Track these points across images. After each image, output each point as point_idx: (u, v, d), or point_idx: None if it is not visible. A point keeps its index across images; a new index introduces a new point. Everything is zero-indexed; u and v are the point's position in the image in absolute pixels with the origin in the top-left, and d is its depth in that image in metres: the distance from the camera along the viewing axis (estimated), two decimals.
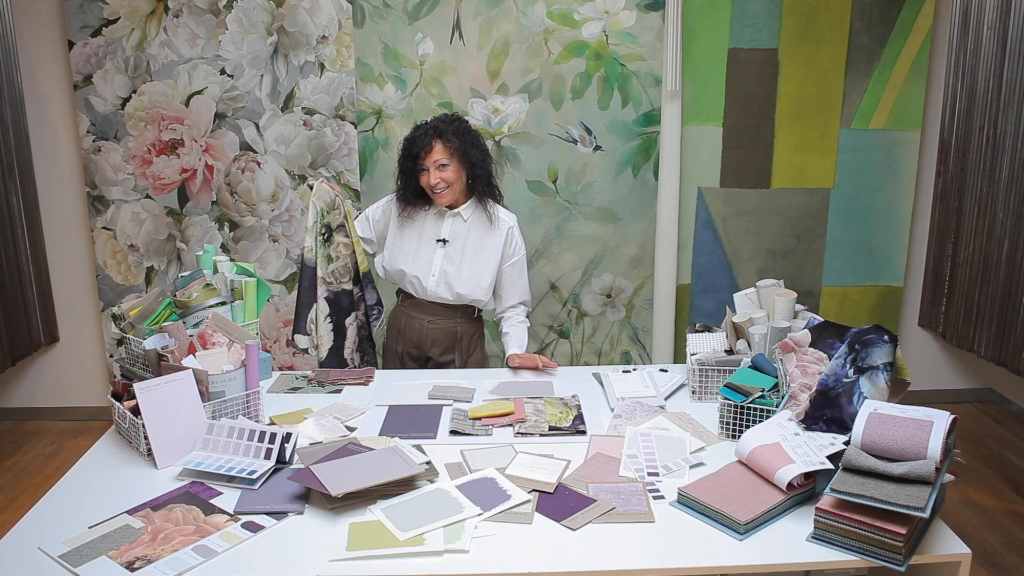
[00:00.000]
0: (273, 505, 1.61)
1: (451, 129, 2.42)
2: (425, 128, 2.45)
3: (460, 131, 2.43)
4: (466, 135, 2.44)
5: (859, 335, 1.77)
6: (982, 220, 3.35)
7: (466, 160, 2.43)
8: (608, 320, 3.72)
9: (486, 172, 2.49)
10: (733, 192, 3.59)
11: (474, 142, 2.46)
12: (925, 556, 1.45)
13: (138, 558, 1.44)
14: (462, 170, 2.44)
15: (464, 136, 2.43)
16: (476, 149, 2.46)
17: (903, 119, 3.56)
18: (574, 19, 3.40)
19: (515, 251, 2.55)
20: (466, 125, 2.47)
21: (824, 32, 3.44)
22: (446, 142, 2.40)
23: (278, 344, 3.67)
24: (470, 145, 2.44)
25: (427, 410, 2.11)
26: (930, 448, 1.46)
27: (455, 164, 2.42)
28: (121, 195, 3.51)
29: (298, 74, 3.41)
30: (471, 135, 2.46)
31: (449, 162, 2.41)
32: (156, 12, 3.34)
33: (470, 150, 2.43)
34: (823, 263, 3.69)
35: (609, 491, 1.67)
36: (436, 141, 2.40)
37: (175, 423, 1.81)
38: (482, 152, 2.48)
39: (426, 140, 2.41)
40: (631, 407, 2.08)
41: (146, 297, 2.16)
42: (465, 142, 2.43)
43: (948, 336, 3.68)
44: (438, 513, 1.57)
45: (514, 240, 2.54)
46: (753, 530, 1.52)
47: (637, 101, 3.49)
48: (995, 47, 3.21)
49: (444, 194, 2.44)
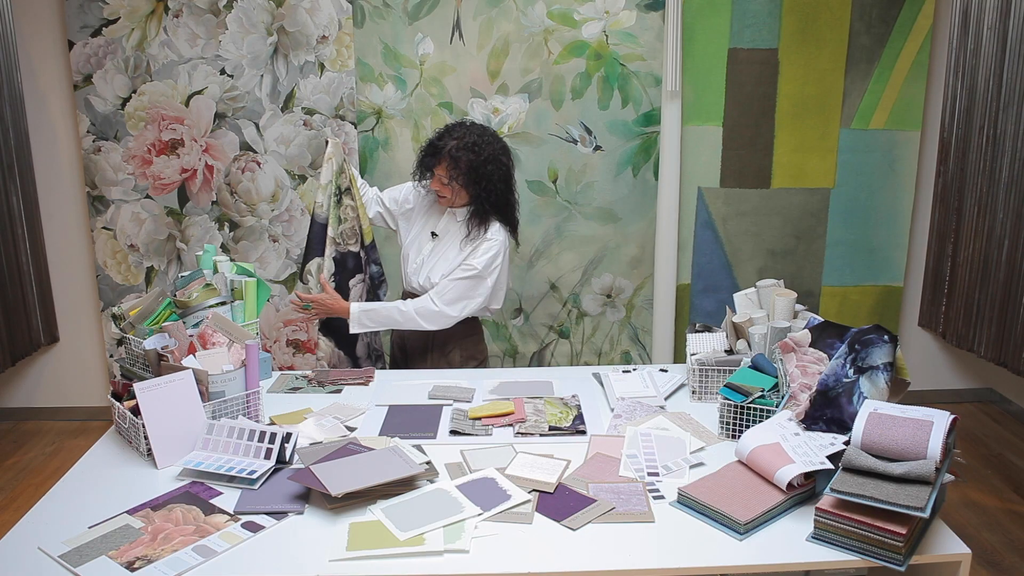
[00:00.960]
0: (273, 505, 1.61)
1: (464, 156, 2.37)
2: (442, 142, 2.41)
3: (474, 163, 2.37)
4: (478, 168, 2.37)
5: (859, 335, 1.77)
6: (982, 220, 3.35)
7: (469, 186, 2.41)
8: (608, 320, 3.72)
9: (493, 196, 2.42)
10: (733, 192, 3.59)
11: (483, 173, 2.38)
12: (925, 556, 1.45)
13: (138, 558, 1.44)
14: (464, 192, 2.43)
15: (474, 167, 2.37)
16: (484, 179, 2.39)
17: (903, 119, 3.56)
18: (574, 19, 3.40)
19: (473, 257, 2.43)
20: (483, 155, 2.38)
21: (824, 32, 3.44)
22: (450, 167, 2.39)
23: (278, 344, 3.67)
24: (478, 174, 2.38)
25: (427, 410, 2.11)
26: (930, 448, 1.46)
27: (455, 186, 2.41)
28: (121, 195, 3.51)
29: (298, 74, 3.41)
30: (483, 165, 2.38)
31: (449, 183, 2.41)
32: (156, 12, 3.34)
33: (476, 178, 2.39)
34: (823, 263, 3.69)
35: (609, 491, 1.67)
36: (444, 160, 2.40)
37: (175, 423, 1.81)
38: (491, 180, 2.40)
39: (436, 157, 2.42)
40: (631, 407, 2.08)
41: (146, 297, 2.16)
42: (473, 171, 2.38)
43: (948, 336, 3.68)
44: (438, 513, 1.57)
45: (480, 252, 2.43)
46: (753, 530, 1.52)
47: (637, 101, 3.49)
48: (995, 47, 3.21)
49: (443, 201, 2.49)
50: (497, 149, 2.43)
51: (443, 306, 2.43)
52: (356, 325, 2.48)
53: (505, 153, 2.46)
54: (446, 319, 2.45)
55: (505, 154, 2.46)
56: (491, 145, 2.42)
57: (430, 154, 2.44)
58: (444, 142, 2.41)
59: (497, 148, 2.43)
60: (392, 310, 2.46)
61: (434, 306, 2.43)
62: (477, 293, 2.45)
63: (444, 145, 2.40)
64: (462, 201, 2.46)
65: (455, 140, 2.40)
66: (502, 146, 2.46)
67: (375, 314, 2.48)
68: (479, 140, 2.40)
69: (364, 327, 2.48)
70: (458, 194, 2.44)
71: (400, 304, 2.47)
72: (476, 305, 2.47)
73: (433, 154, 2.43)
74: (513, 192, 2.51)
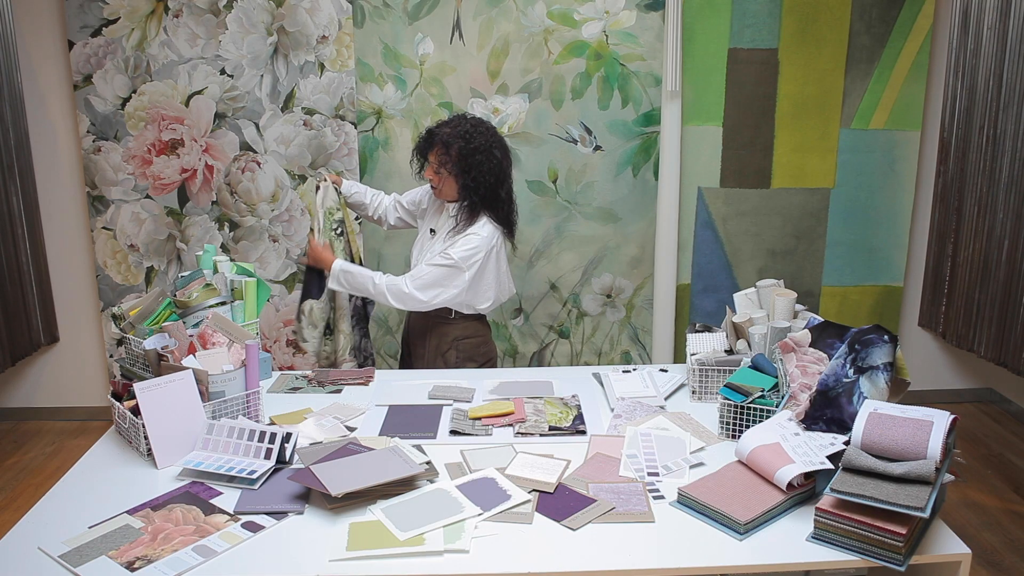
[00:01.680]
0: (273, 505, 1.61)
1: (455, 143, 2.39)
2: (437, 130, 2.45)
3: (464, 150, 2.38)
4: (467, 156, 2.38)
5: (859, 335, 1.77)
6: (982, 220, 3.35)
7: (458, 175, 2.42)
8: (608, 320, 3.72)
9: (482, 189, 2.42)
10: (733, 192, 3.58)
11: (473, 163, 2.39)
12: (925, 556, 1.45)
13: (138, 558, 1.44)
14: (453, 181, 2.45)
15: (463, 155, 2.39)
16: (474, 168, 2.39)
17: (903, 119, 3.56)
18: (574, 19, 3.40)
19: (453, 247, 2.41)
20: (473, 144, 2.39)
21: (824, 32, 3.44)
22: (440, 153, 2.43)
23: (278, 344, 3.67)
24: (467, 163, 2.39)
25: (427, 410, 2.11)
26: (930, 448, 1.46)
27: (445, 174, 2.44)
28: (121, 195, 3.50)
29: (298, 74, 3.41)
30: (473, 154, 2.39)
31: (439, 170, 2.45)
32: (156, 12, 3.34)
33: (465, 167, 2.40)
34: (823, 263, 3.69)
35: (609, 491, 1.67)
36: (436, 146, 2.44)
37: (175, 423, 1.81)
38: (480, 170, 2.40)
39: (430, 142, 2.46)
40: (631, 407, 2.08)
41: (146, 297, 2.16)
42: (462, 159, 2.39)
43: (948, 336, 3.68)
44: (438, 513, 1.57)
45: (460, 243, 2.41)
46: (753, 530, 1.52)
47: (637, 101, 3.49)
48: (995, 47, 3.21)
49: (438, 193, 2.53)
50: (491, 141, 2.43)
51: (413, 289, 2.42)
52: (333, 281, 2.54)
53: (499, 147, 2.45)
54: (416, 303, 2.43)
55: (499, 148, 2.45)
56: (484, 136, 2.42)
57: (426, 140, 2.48)
58: (439, 129, 2.46)
59: (491, 140, 2.43)
60: (367, 279, 2.49)
61: (405, 287, 2.42)
62: (452, 284, 2.42)
63: (438, 132, 2.45)
64: (452, 192, 2.48)
65: (449, 128, 2.44)
66: (497, 140, 2.46)
67: (352, 277, 2.52)
68: (472, 130, 2.42)
69: (340, 285, 2.54)
70: (447, 183, 2.46)
71: (376, 275, 2.49)
72: (450, 296, 2.43)
73: (428, 140, 2.47)
74: (504, 188, 2.48)
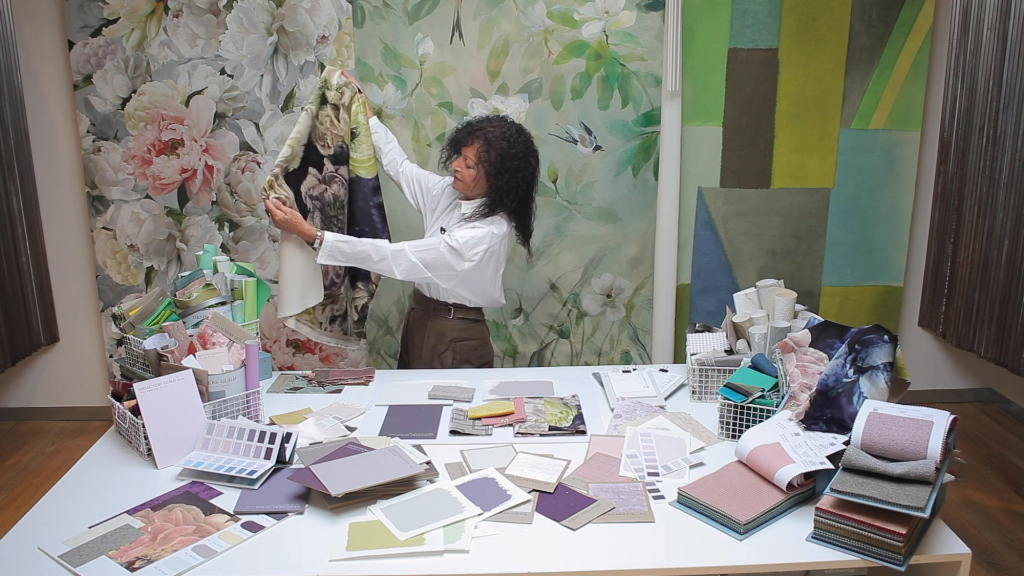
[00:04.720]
0: (273, 505, 1.61)
1: (498, 144, 2.39)
2: (481, 125, 2.44)
3: (506, 153, 2.39)
4: (507, 160, 2.39)
5: (859, 335, 1.77)
6: (982, 220, 3.35)
7: (492, 176, 2.41)
8: (608, 320, 3.72)
9: (512, 194, 2.42)
10: (733, 192, 3.58)
11: (509, 167, 2.39)
12: (925, 556, 1.46)
13: (138, 558, 1.44)
14: (484, 180, 2.44)
15: (504, 158, 2.39)
16: (509, 173, 2.40)
17: (903, 119, 3.56)
18: (574, 19, 3.40)
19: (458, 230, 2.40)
20: (515, 149, 2.40)
21: (824, 32, 3.44)
22: (481, 150, 2.40)
23: (278, 344, 3.67)
24: (505, 166, 2.40)
25: (427, 410, 2.11)
26: (930, 448, 1.46)
27: (479, 171, 2.42)
28: (121, 195, 3.51)
29: (298, 74, 3.41)
30: (513, 159, 2.39)
31: (474, 166, 2.42)
32: (156, 12, 3.34)
33: (501, 169, 2.40)
34: (823, 263, 3.69)
35: (609, 491, 1.67)
36: (477, 141, 2.41)
37: (175, 423, 1.81)
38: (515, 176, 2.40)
39: (471, 136, 2.43)
40: (631, 407, 2.08)
41: (146, 297, 2.17)
42: (501, 161, 2.39)
43: (948, 336, 3.68)
44: (438, 513, 1.57)
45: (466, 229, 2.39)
46: (753, 530, 1.52)
47: (637, 101, 3.49)
48: (995, 47, 3.21)
49: (458, 184, 2.49)
50: (529, 150, 2.47)
51: (417, 259, 2.37)
52: (325, 255, 2.38)
53: (535, 157, 2.49)
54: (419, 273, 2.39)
55: (535, 158, 2.49)
56: (525, 144, 2.45)
57: (466, 132, 2.45)
58: (483, 126, 2.44)
59: (529, 149, 2.47)
60: (369, 246, 2.38)
61: (411, 257, 2.37)
62: (447, 269, 2.39)
63: (482, 128, 2.43)
64: (479, 190, 2.46)
65: (494, 127, 2.43)
66: (534, 151, 2.50)
67: (349, 245, 2.38)
68: (516, 136, 2.43)
69: (334, 259, 2.39)
70: (478, 182, 2.44)
71: (380, 242, 2.40)
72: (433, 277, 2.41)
73: (469, 133, 2.44)
74: (532, 199, 2.53)
